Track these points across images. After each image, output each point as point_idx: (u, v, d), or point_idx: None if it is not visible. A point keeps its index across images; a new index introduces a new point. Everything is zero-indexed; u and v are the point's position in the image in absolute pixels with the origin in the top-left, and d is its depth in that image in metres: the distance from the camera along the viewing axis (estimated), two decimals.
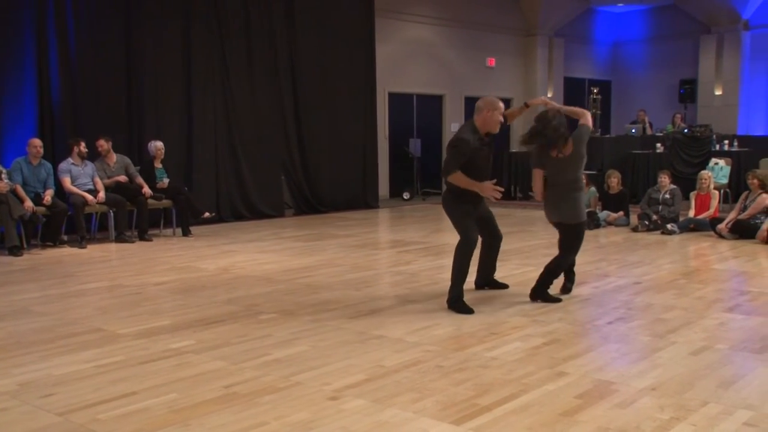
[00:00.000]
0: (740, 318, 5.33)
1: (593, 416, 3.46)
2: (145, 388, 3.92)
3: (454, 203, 5.75)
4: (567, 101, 18.83)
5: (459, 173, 5.52)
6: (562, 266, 5.99)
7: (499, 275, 6.43)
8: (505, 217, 12.26)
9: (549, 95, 18.37)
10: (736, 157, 13.32)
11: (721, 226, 9.30)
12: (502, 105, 5.70)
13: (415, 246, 9.06)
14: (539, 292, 5.87)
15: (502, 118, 5.65)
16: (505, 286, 6.32)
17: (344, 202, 13.63)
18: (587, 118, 5.84)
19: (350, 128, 13.75)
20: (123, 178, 9.88)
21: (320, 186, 13.33)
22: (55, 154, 9.87)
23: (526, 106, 6.27)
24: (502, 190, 5.67)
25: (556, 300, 5.87)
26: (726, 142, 14.10)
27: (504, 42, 17.78)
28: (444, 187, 5.92)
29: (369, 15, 14.10)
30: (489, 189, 5.53)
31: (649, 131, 16.18)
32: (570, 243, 5.89)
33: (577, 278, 6.85)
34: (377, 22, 14.30)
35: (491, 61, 17.45)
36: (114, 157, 9.98)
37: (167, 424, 3.43)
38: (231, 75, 12.03)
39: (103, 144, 9.87)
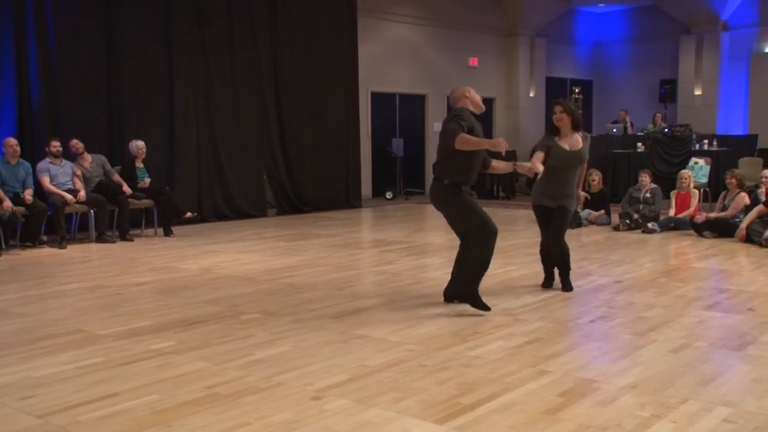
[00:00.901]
0: (719, 316, 5.38)
1: (575, 414, 3.47)
2: (127, 389, 3.89)
3: (452, 195, 5.36)
4: (549, 101, 18.95)
5: (465, 134, 5.15)
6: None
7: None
8: None
9: (531, 95, 18.47)
10: (716, 156, 13.44)
11: (700, 218, 9.37)
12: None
13: (397, 245, 9.06)
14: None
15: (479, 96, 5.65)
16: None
17: (327, 202, 13.60)
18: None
19: (333, 128, 13.72)
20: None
21: (303, 186, 13.29)
22: (35, 153, 9.76)
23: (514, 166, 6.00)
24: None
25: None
26: (705, 141, 14.23)
27: (486, 42, 17.82)
28: (430, 184, 5.66)
29: (351, 15, 14.08)
30: (501, 143, 5.14)
31: (630, 131, 16.28)
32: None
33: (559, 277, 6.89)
34: (360, 22, 14.28)
35: (473, 61, 17.48)
36: (89, 157, 9.86)
37: (149, 425, 3.40)
38: (213, 74, 11.96)
39: (77, 144, 9.76)
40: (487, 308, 5.44)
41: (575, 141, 6.08)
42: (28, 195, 8.92)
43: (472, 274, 5.46)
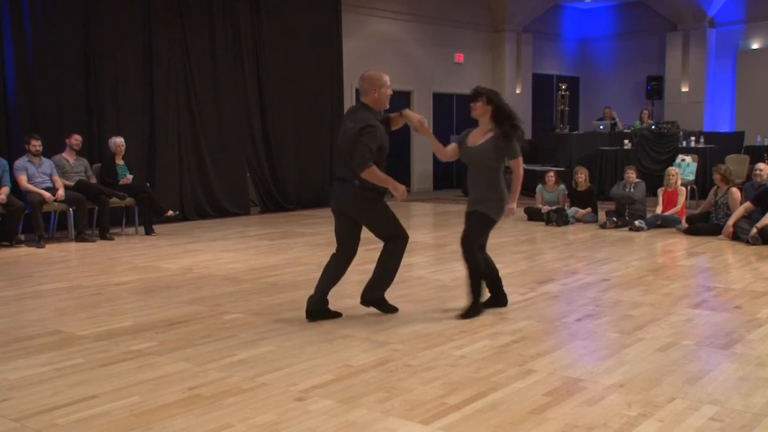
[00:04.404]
0: (706, 314, 5.36)
1: (561, 413, 3.44)
2: (106, 391, 3.82)
3: (371, 201, 5.12)
4: (536, 97, 18.98)
5: (374, 167, 4.87)
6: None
7: (466, 273, 6.33)
8: None
9: (517, 91, 18.45)
10: (703, 153, 13.47)
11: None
12: (387, 78, 5.11)
13: (381, 244, 8.97)
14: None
15: (391, 91, 5.13)
16: (338, 315, 5.39)
17: (311, 200, 13.53)
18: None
19: (317, 124, 13.66)
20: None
21: (286, 183, 13.22)
22: (11, 151, 9.64)
23: (400, 114, 5.30)
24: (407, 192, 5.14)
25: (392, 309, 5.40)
26: (692, 138, 14.26)
27: (472, 38, 17.79)
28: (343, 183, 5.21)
29: (336, 10, 14.02)
30: (402, 191, 5.13)
31: (620, 127, 16.30)
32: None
33: (546, 275, 6.87)
34: (344, 18, 14.23)
35: (459, 57, 17.45)
36: (74, 154, 9.78)
37: (129, 428, 3.34)
38: (194, 70, 11.86)
39: (78, 139, 9.70)
40: (394, 309, 5.40)
41: (481, 136, 5.33)
42: (4, 194, 8.78)
43: (385, 281, 5.37)
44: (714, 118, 18.13)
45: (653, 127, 14.83)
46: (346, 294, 6.17)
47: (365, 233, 5.43)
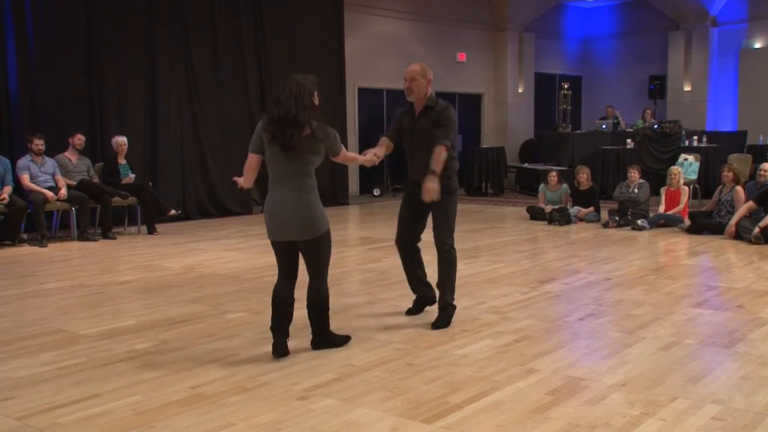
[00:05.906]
0: (708, 313, 5.36)
1: (564, 413, 3.44)
2: (108, 390, 3.83)
3: (453, 194, 5.27)
4: (538, 96, 18.98)
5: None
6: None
7: (470, 272, 6.37)
8: (476, 213, 12.29)
9: (520, 90, 18.43)
10: (705, 152, 13.44)
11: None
12: (406, 71, 5.19)
13: (385, 243, 9.00)
14: (323, 339, 4.58)
15: (407, 84, 5.20)
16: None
17: None
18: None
19: None
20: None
21: None
22: (13, 151, 9.64)
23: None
24: None
25: (344, 339, 4.69)
26: (695, 137, 14.23)
27: (474, 37, 17.78)
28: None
29: (338, 9, 14.02)
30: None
31: (622, 126, 16.28)
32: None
33: (548, 274, 6.87)
34: (346, 17, 14.23)
35: (461, 56, 17.44)
36: (77, 153, 9.81)
37: (131, 427, 3.35)
38: (196, 69, 11.85)
39: (82, 139, 9.74)
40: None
41: None
42: (5, 194, 8.78)
43: (451, 290, 5.14)
44: (716, 118, 18.11)
45: (656, 126, 14.80)
46: (347, 293, 6.18)
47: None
